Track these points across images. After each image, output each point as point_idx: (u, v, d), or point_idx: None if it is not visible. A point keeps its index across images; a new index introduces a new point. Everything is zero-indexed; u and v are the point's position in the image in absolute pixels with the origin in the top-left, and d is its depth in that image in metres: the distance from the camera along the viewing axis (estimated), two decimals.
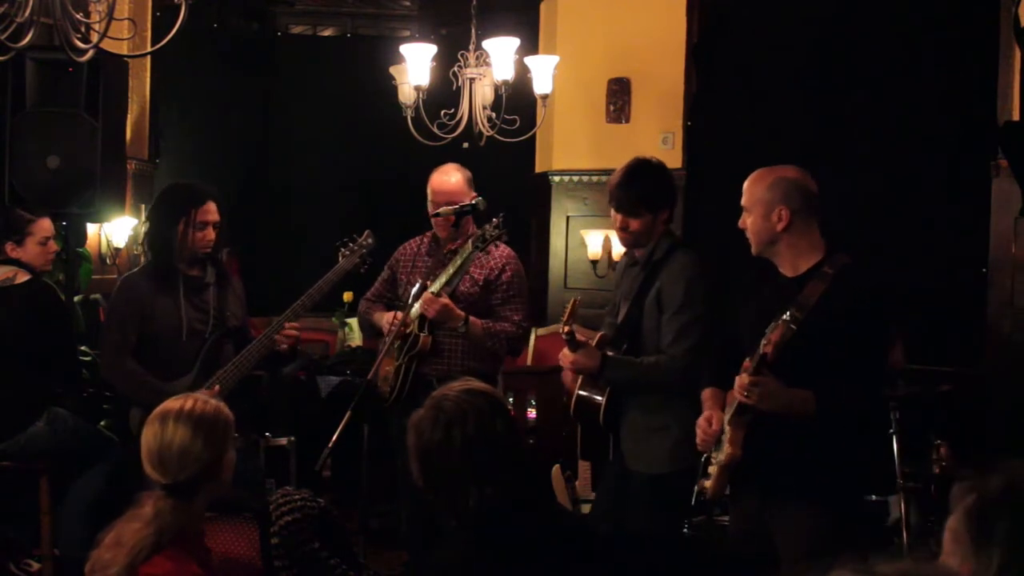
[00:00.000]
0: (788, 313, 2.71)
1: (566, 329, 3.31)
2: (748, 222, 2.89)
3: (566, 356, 3.34)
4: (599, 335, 3.44)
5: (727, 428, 2.76)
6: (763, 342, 2.70)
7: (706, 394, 2.97)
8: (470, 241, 3.88)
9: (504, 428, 2.15)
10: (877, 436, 3.43)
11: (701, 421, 2.89)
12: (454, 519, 2.14)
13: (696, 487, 2.86)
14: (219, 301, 3.74)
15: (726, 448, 2.73)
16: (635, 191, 3.39)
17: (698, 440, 2.89)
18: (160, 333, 3.64)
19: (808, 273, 2.82)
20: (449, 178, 4.15)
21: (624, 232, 3.43)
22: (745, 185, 2.91)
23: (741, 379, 2.72)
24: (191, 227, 3.61)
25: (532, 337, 5.71)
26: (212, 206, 3.67)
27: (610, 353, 3.34)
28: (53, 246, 4.25)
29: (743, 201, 2.90)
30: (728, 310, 3.07)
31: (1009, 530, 1.39)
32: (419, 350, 4.03)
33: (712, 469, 2.80)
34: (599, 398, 3.37)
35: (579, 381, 3.43)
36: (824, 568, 1.16)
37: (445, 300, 3.90)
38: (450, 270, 3.93)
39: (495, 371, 4.14)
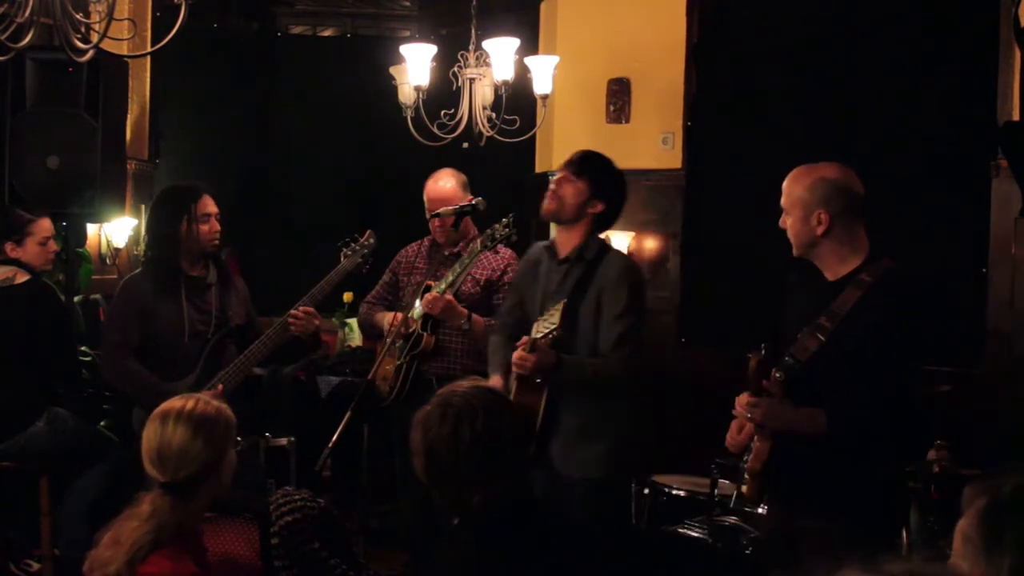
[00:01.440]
0: (812, 327, 2.64)
1: (556, 335, 3.22)
2: (788, 223, 2.78)
3: (527, 359, 3.23)
4: (523, 339, 3.33)
5: (755, 438, 2.71)
6: (774, 369, 2.66)
7: None
8: (479, 240, 3.89)
9: (511, 427, 2.15)
10: (901, 458, 3.23)
11: (733, 425, 2.82)
12: (457, 517, 2.14)
13: (735, 491, 2.83)
14: (221, 301, 3.75)
15: (751, 458, 2.70)
16: (592, 159, 3.43)
17: (727, 442, 2.85)
18: (162, 334, 3.65)
19: (846, 279, 2.71)
20: (443, 184, 4.18)
21: (552, 197, 3.39)
22: (784, 184, 2.81)
23: (740, 399, 2.69)
24: (195, 222, 3.64)
25: None
26: (209, 199, 3.70)
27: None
28: (53, 246, 4.25)
29: (782, 201, 2.80)
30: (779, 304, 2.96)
31: (1020, 536, 1.38)
32: (422, 349, 4.04)
33: (746, 475, 2.77)
34: (537, 404, 3.30)
35: (514, 387, 3.35)
36: (831, 568, 1.16)
37: (449, 298, 3.91)
38: (457, 268, 3.94)
39: None
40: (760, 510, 2.98)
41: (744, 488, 2.75)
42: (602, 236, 3.56)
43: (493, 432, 2.09)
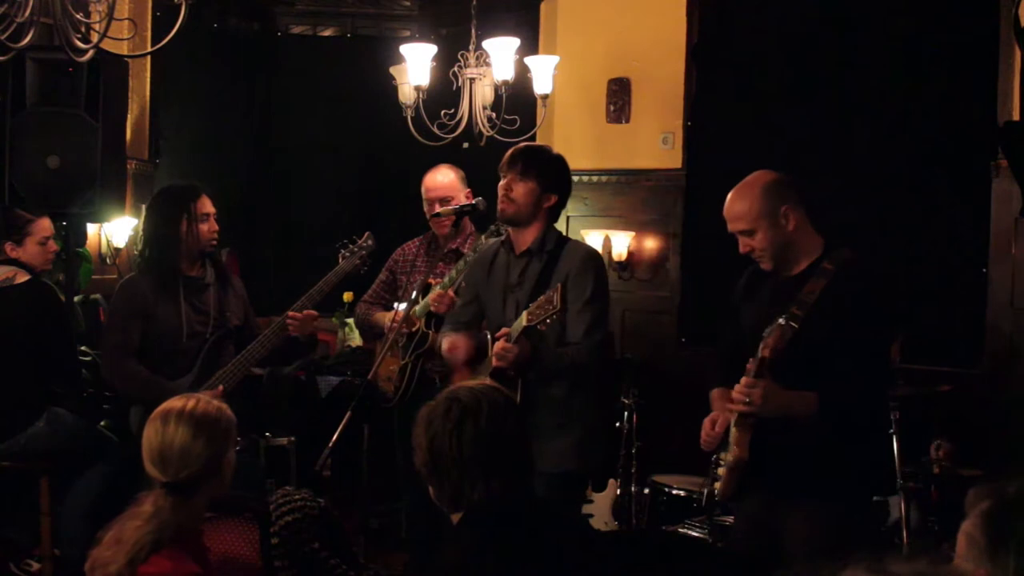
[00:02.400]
0: (786, 315, 2.70)
1: (557, 317, 3.16)
2: (756, 241, 2.79)
3: (511, 350, 3.20)
4: (503, 329, 3.31)
5: (733, 430, 2.73)
6: (761, 345, 2.69)
7: (714, 395, 2.94)
8: (482, 237, 3.90)
9: (515, 425, 2.16)
10: (883, 435, 3.36)
11: (706, 422, 2.86)
12: (456, 514, 2.14)
13: (707, 489, 2.84)
14: (219, 301, 3.75)
15: (733, 450, 2.71)
16: (533, 154, 3.42)
17: (702, 440, 2.87)
18: (161, 334, 3.65)
19: (808, 270, 2.77)
20: (442, 176, 4.21)
21: (506, 201, 3.39)
22: (733, 210, 2.81)
23: (740, 384, 2.70)
24: (194, 221, 3.64)
25: None
26: (206, 198, 3.72)
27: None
28: (53, 246, 4.25)
29: (739, 226, 2.80)
30: (732, 309, 3.02)
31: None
32: (428, 347, 4.05)
33: (721, 471, 2.78)
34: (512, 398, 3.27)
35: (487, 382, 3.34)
36: (835, 567, 1.16)
37: (452, 295, 3.93)
38: (460, 265, 3.95)
39: None
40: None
41: (718, 484, 2.76)
42: (602, 236, 3.56)
43: (496, 430, 2.10)
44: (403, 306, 4.07)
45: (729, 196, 2.85)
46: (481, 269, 3.60)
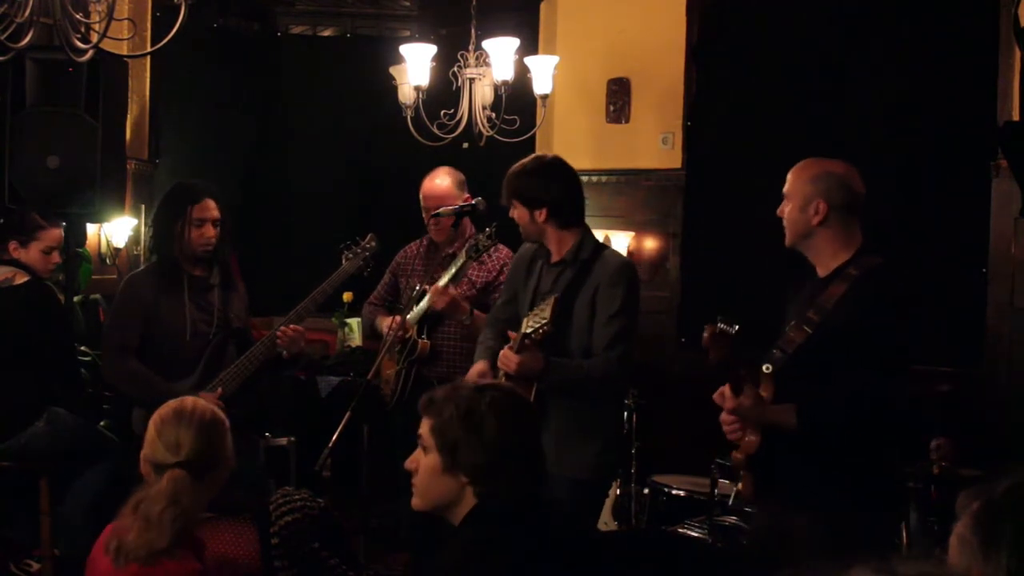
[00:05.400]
0: (799, 320, 2.65)
1: (546, 330, 3.14)
2: (786, 211, 2.83)
3: (511, 359, 3.18)
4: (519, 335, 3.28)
5: (746, 429, 2.71)
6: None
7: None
8: (464, 250, 3.89)
9: (527, 431, 2.15)
10: (895, 449, 3.24)
11: (716, 396, 2.78)
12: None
13: (734, 489, 2.82)
14: (223, 302, 3.75)
15: (740, 449, 2.70)
16: (509, 182, 3.40)
17: (725, 428, 2.79)
18: (164, 333, 3.65)
19: (834, 273, 2.74)
20: (439, 182, 4.19)
21: (523, 232, 3.44)
22: (790, 173, 2.86)
23: (724, 395, 2.69)
24: (189, 225, 3.62)
25: None
26: (210, 203, 3.67)
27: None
28: (56, 257, 4.24)
29: (785, 188, 2.85)
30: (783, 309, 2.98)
31: (1017, 531, 1.38)
32: (418, 354, 4.05)
33: (742, 472, 2.77)
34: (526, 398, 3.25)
35: (502, 381, 3.26)
36: (841, 567, 1.16)
37: (453, 292, 3.92)
38: (452, 270, 3.95)
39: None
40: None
41: (740, 485, 2.75)
42: (602, 236, 3.54)
43: (507, 434, 2.08)
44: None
45: (805, 159, 2.88)
46: (520, 269, 3.57)
